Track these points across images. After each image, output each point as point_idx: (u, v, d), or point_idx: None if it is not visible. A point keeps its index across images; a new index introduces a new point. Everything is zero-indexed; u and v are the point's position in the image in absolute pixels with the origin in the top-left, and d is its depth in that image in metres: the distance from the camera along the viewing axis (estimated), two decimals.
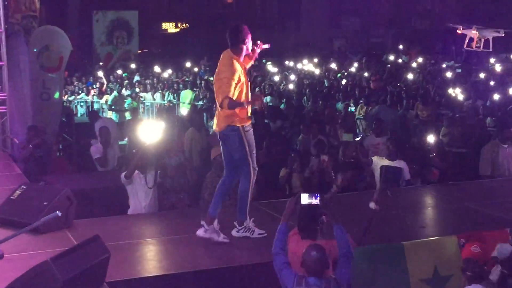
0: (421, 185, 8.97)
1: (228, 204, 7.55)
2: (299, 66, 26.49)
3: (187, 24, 35.72)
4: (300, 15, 36.29)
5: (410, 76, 21.29)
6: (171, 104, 19.11)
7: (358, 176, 9.32)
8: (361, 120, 14.76)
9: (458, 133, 11.26)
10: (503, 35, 26.49)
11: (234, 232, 6.24)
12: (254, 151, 6.15)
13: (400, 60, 28.46)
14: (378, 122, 11.26)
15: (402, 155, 8.76)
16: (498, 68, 23.26)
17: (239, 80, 5.91)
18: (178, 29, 36.32)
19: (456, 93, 16.79)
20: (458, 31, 27.43)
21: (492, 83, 19.11)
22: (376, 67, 24.92)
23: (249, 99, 6.08)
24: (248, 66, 6.27)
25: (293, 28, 35.89)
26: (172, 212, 7.65)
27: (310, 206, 5.11)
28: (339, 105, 15.87)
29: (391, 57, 28.41)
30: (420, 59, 27.03)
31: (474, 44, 26.72)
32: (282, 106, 15.49)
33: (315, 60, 27.74)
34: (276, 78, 22.06)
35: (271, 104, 15.79)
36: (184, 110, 16.28)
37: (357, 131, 13.95)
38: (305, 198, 5.02)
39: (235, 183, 6.30)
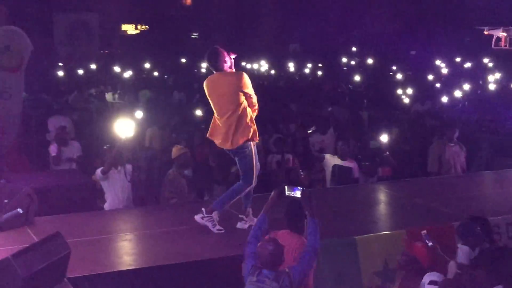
0: (372, 181, 9.30)
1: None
2: (255, 66, 26.73)
3: (146, 26, 35.64)
4: (257, 18, 36.52)
5: (360, 78, 21.69)
6: (129, 104, 19.04)
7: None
8: None
9: (407, 133, 11.64)
10: None
11: (197, 217, 6.34)
12: (258, 162, 6.48)
13: (352, 62, 29.02)
14: (324, 121, 12.06)
15: (354, 153, 9.16)
16: (444, 70, 23.99)
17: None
18: (138, 31, 36.20)
19: (406, 94, 17.22)
20: (485, 32, 28.28)
21: (438, 85, 19.67)
22: (330, 69, 25.38)
23: None
24: None
25: (250, 31, 36.09)
26: (135, 209, 7.76)
27: (295, 201, 5.24)
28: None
29: (344, 60, 28.96)
30: (370, 61, 27.62)
31: (502, 44, 27.76)
32: None
33: (271, 62, 27.99)
34: None
35: None
36: (138, 110, 16.18)
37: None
38: (287, 191, 5.20)
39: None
